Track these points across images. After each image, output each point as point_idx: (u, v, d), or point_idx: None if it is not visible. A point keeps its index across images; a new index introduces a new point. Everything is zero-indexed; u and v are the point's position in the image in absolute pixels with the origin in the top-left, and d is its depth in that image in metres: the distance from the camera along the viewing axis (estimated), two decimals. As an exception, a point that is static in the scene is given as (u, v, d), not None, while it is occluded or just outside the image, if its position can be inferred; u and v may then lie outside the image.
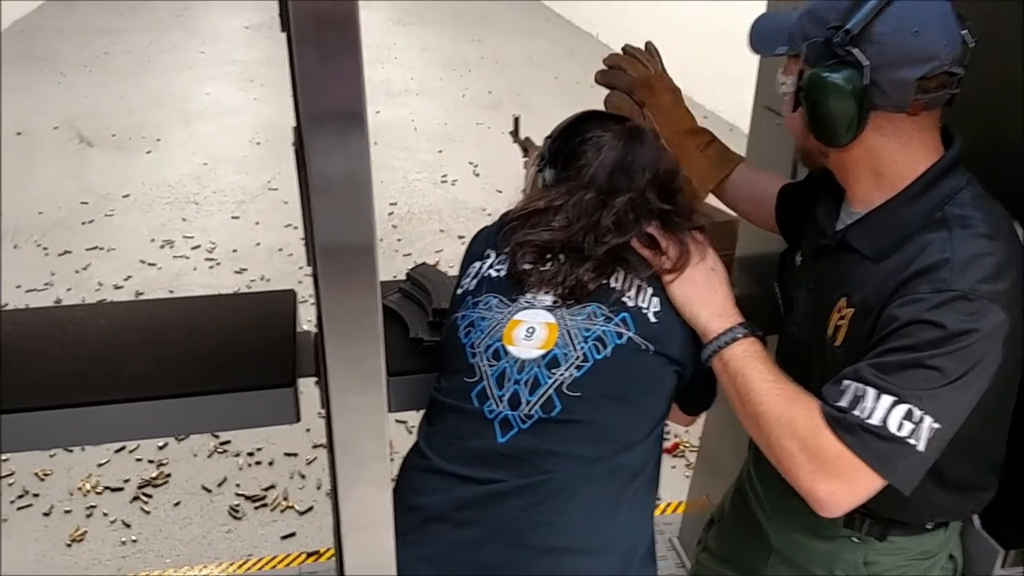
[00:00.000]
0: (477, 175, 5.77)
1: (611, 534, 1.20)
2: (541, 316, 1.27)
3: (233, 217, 5.07)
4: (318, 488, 2.93)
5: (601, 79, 1.60)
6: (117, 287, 4.24)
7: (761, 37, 1.21)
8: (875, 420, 1.05)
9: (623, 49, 1.63)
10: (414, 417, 1.44)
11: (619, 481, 1.22)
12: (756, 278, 1.92)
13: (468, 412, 1.25)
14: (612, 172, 1.32)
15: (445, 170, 5.86)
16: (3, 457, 2.97)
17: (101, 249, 4.63)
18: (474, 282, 1.37)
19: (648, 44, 1.65)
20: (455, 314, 1.36)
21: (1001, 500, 1.31)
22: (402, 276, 1.74)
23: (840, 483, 1.07)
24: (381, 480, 0.81)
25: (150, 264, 4.48)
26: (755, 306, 1.58)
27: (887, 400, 1.04)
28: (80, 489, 2.89)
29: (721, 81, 6.99)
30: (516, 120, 1.68)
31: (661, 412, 1.28)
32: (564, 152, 1.42)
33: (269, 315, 1.67)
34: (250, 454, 3.08)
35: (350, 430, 0.77)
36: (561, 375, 1.22)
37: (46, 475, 2.95)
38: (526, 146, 1.65)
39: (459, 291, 1.39)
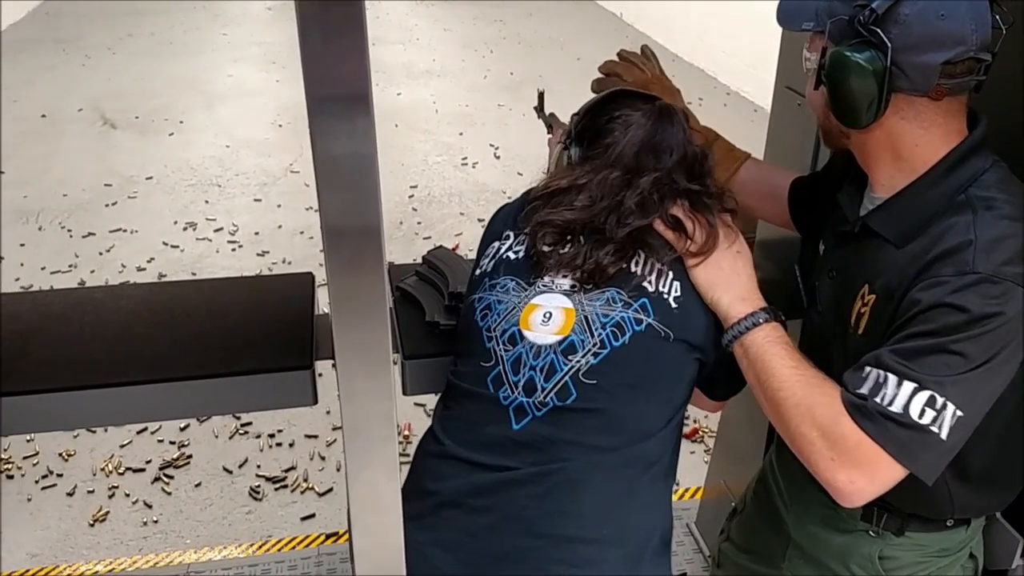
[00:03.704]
0: (498, 157, 5.75)
1: (624, 524, 1.19)
2: (558, 301, 1.25)
3: (255, 200, 5.09)
4: (338, 470, 2.94)
5: (597, 87, 1.56)
6: (140, 269, 4.27)
7: (788, 11, 1.18)
8: (896, 407, 1.02)
9: (619, 55, 1.61)
10: (432, 400, 1.43)
11: (634, 471, 1.20)
12: (776, 262, 1.90)
13: (483, 398, 1.24)
14: (639, 151, 1.29)
15: (466, 152, 5.84)
16: (27, 438, 3.01)
17: (124, 231, 4.66)
18: (491, 263, 1.35)
19: (644, 48, 1.62)
20: (472, 296, 1.34)
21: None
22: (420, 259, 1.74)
23: (860, 472, 1.04)
24: (390, 464, 0.81)
25: (173, 246, 4.50)
26: (775, 290, 1.56)
27: (909, 387, 1.02)
28: (103, 470, 2.93)
29: (745, 61, 6.91)
30: (541, 95, 1.64)
31: (681, 400, 1.26)
32: (591, 130, 1.37)
33: (288, 298, 1.67)
34: (271, 436, 3.10)
35: (358, 414, 0.76)
36: (577, 362, 1.20)
37: (69, 456, 2.98)
38: (550, 122, 1.61)
39: (477, 272, 1.38)
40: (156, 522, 2.71)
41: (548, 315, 1.24)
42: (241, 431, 3.12)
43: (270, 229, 4.71)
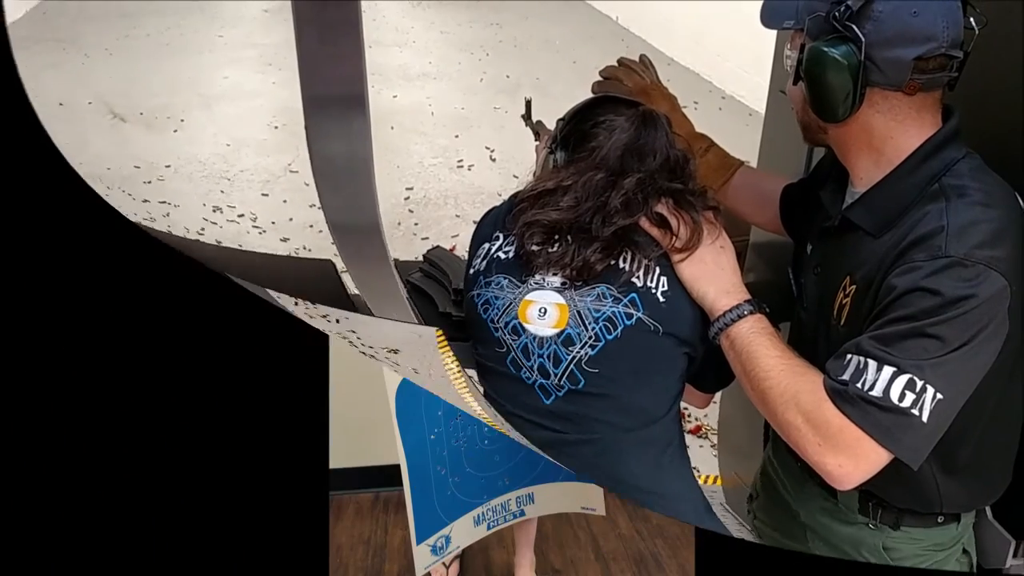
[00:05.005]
0: (493, 160, 5.75)
1: (672, 487, 1.28)
2: (551, 297, 1.29)
3: (263, 194, 5.11)
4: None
5: (597, 89, 1.59)
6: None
7: (770, 10, 1.21)
8: (876, 392, 1.04)
9: (618, 61, 1.64)
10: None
11: (655, 449, 1.27)
12: (771, 264, 1.91)
13: (509, 376, 1.31)
14: (623, 154, 1.32)
15: (461, 155, 5.84)
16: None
17: (167, 203, 4.69)
18: (483, 263, 1.38)
19: (643, 57, 1.65)
20: (470, 292, 1.39)
21: (1014, 489, 1.30)
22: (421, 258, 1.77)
23: (846, 456, 1.07)
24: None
25: (212, 223, 4.53)
26: (769, 292, 1.57)
27: (888, 371, 1.04)
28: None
29: (741, 65, 6.93)
30: (528, 103, 1.67)
31: (676, 391, 1.31)
32: (576, 134, 1.41)
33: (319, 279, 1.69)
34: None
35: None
36: (577, 352, 1.25)
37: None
38: (537, 129, 1.64)
39: (471, 271, 1.41)
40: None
41: (543, 310, 1.29)
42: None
43: (282, 221, 4.73)
